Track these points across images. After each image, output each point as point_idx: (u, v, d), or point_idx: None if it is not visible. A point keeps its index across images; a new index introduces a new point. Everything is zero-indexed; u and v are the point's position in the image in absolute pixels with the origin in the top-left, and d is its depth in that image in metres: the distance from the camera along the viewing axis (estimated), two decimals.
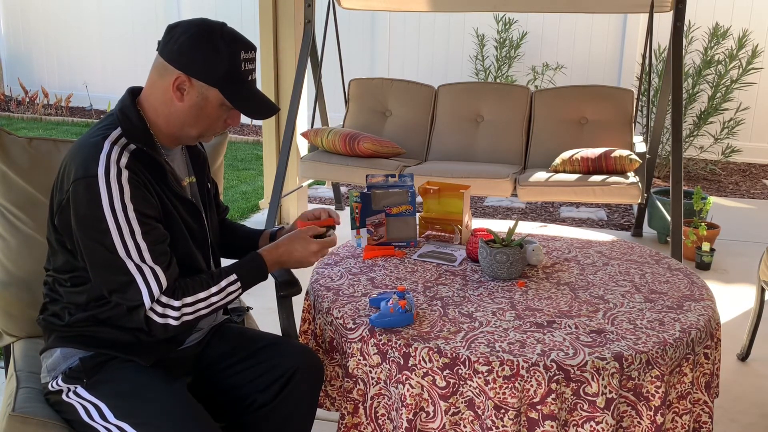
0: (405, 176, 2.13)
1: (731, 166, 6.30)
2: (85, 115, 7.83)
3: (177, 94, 1.44)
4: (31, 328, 1.84)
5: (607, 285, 1.84)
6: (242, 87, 1.46)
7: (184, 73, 1.42)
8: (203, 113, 1.46)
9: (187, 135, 1.51)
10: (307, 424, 1.62)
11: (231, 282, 1.51)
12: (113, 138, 1.43)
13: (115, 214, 1.37)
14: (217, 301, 1.49)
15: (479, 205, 5.14)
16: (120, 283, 1.39)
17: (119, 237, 1.37)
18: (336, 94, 4.74)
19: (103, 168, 1.37)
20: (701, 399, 1.66)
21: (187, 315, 1.44)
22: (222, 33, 1.43)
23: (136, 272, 1.39)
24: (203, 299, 1.47)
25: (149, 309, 1.40)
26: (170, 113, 1.47)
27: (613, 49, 6.56)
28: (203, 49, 1.41)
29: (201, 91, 1.44)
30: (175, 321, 1.43)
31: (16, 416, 1.51)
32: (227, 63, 1.42)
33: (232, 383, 1.62)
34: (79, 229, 1.39)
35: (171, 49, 1.43)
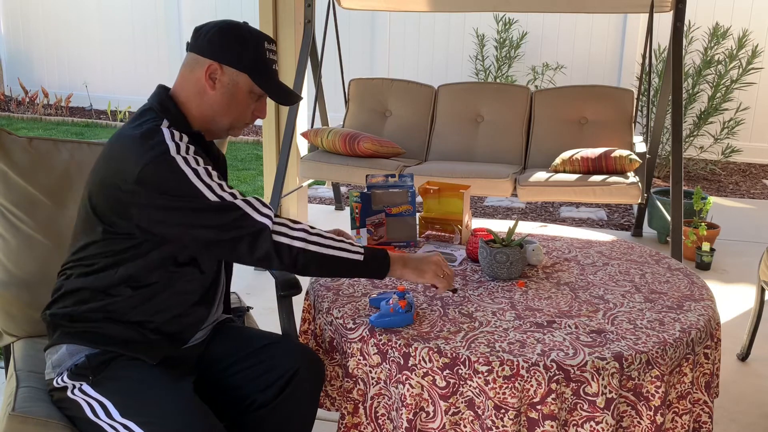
0: (405, 176, 2.13)
1: (731, 166, 6.30)
2: (85, 115, 7.83)
3: (209, 82, 1.52)
4: (31, 327, 1.84)
5: (607, 285, 1.84)
6: (269, 75, 1.56)
7: (215, 61, 1.51)
8: (234, 100, 1.54)
9: (218, 125, 1.58)
10: (307, 423, 1.62)
11: (354, 245, 1.54)
12: (166, 125, 1.50)
13: (200, 176, 1.43)
14: (338, 247, 1.51)
15: (479, 205, 5.14)
16: (234, 218, 1.43)
17: (212, 192, 1.43)
18: (336, 94, 4.74)
19: (174, 147, 1.44)
20: (701, 399, 1.66)
21: (309, 243, 1.47)
22: (246, 27, 1.55)
23: (244, 204, 1.44)
24: (325, 237, 1.51)
25: (272, 230, 1.44)
26: (202, 103, 1.54)
27: (613, 49, 6.56)
28: (232, 39, 1.52)
29: (232, 77, 1.53)
30: (298, 242, 1.46)
31: (16, 416, 1.51)
32: (253, 51, 1.53)
33: (233, 383, 1.62)
34: (169, 207, 1.42)
35: (201, 43, 1.53)
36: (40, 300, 1.82)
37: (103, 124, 7.38)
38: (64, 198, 1.86)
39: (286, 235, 1.46)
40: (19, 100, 8.08)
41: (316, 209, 4.91)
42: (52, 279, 1.82)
